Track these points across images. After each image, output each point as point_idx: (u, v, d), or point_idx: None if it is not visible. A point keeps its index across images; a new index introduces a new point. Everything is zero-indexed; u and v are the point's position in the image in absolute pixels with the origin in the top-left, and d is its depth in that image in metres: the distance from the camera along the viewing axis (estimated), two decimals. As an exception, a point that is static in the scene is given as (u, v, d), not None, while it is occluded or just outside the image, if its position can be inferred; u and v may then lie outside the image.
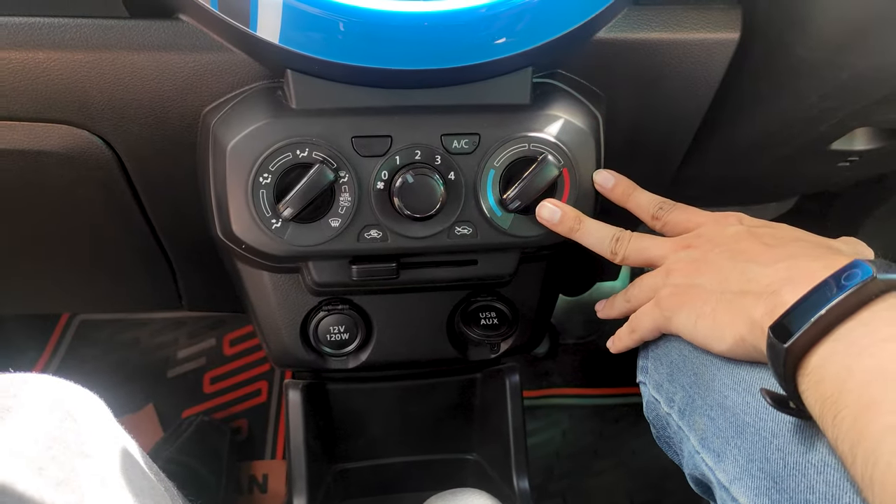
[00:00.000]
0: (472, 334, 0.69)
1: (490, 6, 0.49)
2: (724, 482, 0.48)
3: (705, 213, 0.55)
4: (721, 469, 0.49)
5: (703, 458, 0.51)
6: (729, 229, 0.52)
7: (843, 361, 0.38)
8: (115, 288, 0.90)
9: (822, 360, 0.39)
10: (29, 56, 0.52)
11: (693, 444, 0.52)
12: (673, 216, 0.56)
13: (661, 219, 0.56)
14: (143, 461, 0.52)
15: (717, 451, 0.50)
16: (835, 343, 0.39)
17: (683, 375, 0.54)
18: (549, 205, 0.57)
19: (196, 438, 1.11)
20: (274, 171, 0.53)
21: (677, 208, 0.56)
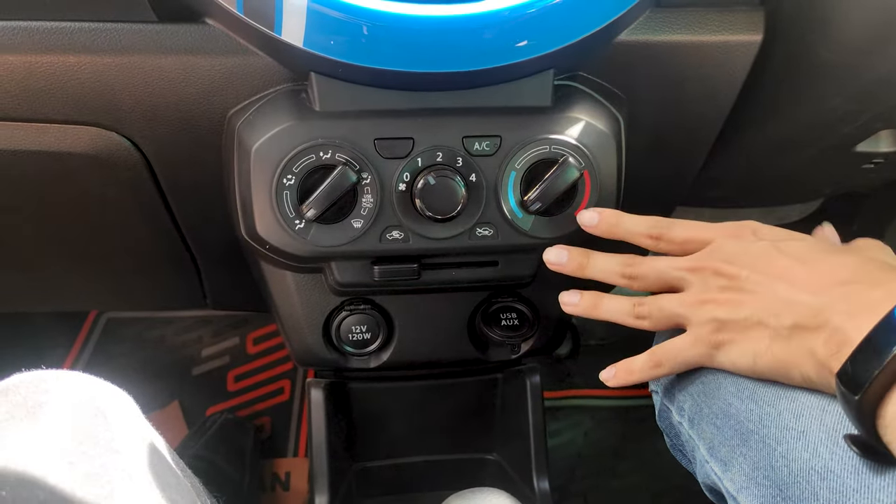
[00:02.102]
0: (493, 335, 0.69)
1: (512, 9, 0.49)
2: (733, 491, 0.48)
3: (712, 226, 0.52)
4: (728, 478, 0.49)
5: (712, 466, 0.51)
6: (752, 247, 0.49)
7: None
8: (141, 287, 0.91)
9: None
10: (60, 60, 0.53)
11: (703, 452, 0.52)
12: (674, 233, 0.52)
13: (662, 237, 0.52)
14: (170, 457, 0.52)
15: (725, 459, 0.50)
16: None
17: (691, 384, 0.53)
18: (554, 248, 0.56)
19: (220, 436, 1.13)
20: (298, 172, 0.54)
21: (676, 224, 0.52)
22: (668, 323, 0.52)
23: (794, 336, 0.44)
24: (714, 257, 0.49)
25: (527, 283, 0.65)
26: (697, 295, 0.49)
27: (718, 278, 0.48)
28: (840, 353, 0.41)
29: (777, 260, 0.47)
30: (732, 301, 0.47)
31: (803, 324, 0.44)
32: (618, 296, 0.54)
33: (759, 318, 0.46)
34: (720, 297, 0.48)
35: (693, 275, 0.49)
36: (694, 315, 0.49)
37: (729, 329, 0.48)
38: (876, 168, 0.72)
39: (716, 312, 0.48)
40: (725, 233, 0.50)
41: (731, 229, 0.50)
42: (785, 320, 0.45)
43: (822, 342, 0.43)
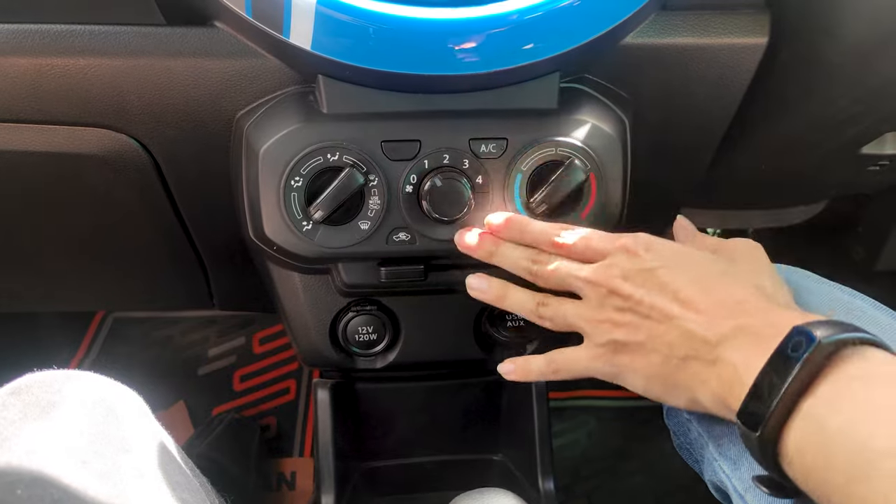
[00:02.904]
0: (499, 336, 0.69)
1: (519, 12, 0.49)
2: (741, 490, 0.49)
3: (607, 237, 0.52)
4: (737, 477, 0.49)
5: (721, 464, 0.51)
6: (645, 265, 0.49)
7: (817, 454, 0.38)
8: (148, 287, 0.92)
9: (798, 446, 0.39)
10: (70, 62, 0.54)
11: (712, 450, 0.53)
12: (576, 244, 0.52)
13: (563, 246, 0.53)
14: (180, 456, 0.53)
15: (734, 458, 0.50)
16: (802, 424, 0.39)
17: None
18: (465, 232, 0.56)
19: (226, 436, 1.13)
20: (305, 174, 0.54)
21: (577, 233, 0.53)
22: (569, 329, 0.53)
23: (687, 366, 0.47)
24: (610, 273, 0.50)
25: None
26: (595, 312, 0.50)
27: (614, 297, 0.49)
28: (733, 390, 0.43)
29: (671, 283, 0.48)
30: (629, 325, 0.49)
31: (697, 356, 0.46)
32: (524, 290, 0.55)
33: (654, 345, 0.48)
34: (617, 317, 0.49)
35: (590, 288, 0.51)
36: (593, 332, 0.51)
37: (625, 351, 0.50)
38: (881, 170, 0.72)
39: (613, 334, 0.50)
40: (620, 247, 0.51)
41: (625, 242, 0.51)
42: (678, 351, 0.47)
43: (715, 377, 0.45)
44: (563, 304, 0.53)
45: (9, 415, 0.46)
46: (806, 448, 0.39)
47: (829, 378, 0.39)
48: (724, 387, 0.44)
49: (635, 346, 0.49)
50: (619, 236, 0.52)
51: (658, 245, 0.51)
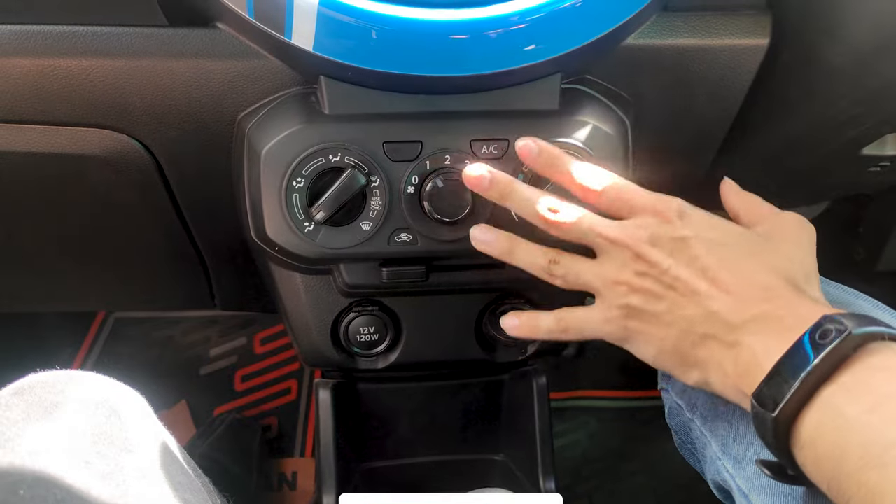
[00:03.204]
0: (500, 336, 0.69)
1: (520, 13, 0.49)
2: (744, 489, 0.49)
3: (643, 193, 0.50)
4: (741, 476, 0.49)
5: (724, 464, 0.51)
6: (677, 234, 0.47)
7: (833, 437, 0.38)
8: (149, 287, 0.92)
9: (812, 433, 0.39)
10: (73, 63, 0.54)
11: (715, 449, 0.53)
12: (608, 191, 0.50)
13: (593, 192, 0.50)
14: (182, 457, 0.53)
15: (738, 457, 0.50)
16: (820, 411, 0.39)
17: None
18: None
19: (228, 436, 1.13)
20: (307, 175, 0.54)
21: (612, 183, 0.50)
22: (581, 288, 0.51)
23: (704, 344, 0.45)
24: (638, 235, 0.47)
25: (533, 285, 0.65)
26: (614, 273, 0.48)
27: (638, 262, 0.47)
28: (749, 374, 0.42)
29: (701, 257, 0.46)
30: (649, 291, 0.47)
31: (717, 337, 0.45)
32: (534, 245, 0.52)
33: (673, 318, 0.46)
34: (636, 282, 0.47)
35: (613, 247, 0.48)
36: (608, 293, 0.49)
37: (640, 318, 0.48)
38: (882, 171, 0.72)
39: (630, 298, 0.48)
40: (653, 207, 0.49)
41: (659, 204, 0.49)
42: (697, 327, 0.46)
43: (732, 360, 0.44)
44: (577, 261, 0.50)
45: (12, 415, 0.46)
46: (821, 434, 0.38)
47: (853, 368, 0.38)
48: (739, 370, 0.43)
49: (652, 316, 0.47)
50: (653, 196, 0.50)
51: (692, 213, 0.49)
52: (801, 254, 0.48)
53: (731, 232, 0.49)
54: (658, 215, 0.48)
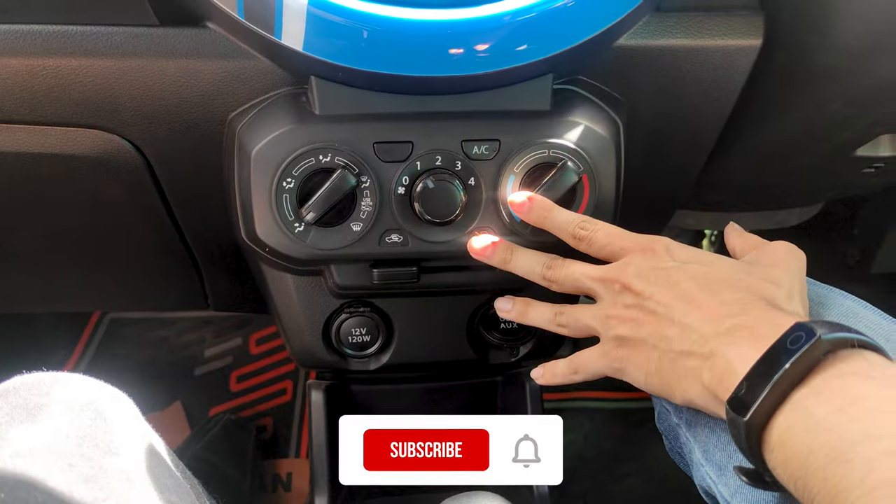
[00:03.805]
0: (492, 338, 0.69)
1: (512, 13, 0.49)
2: (727, 496, 0.49)
3: (630, 237, 0.53)
4: (723, 483, 0.49)
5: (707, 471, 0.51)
6: (661, 265, 0.50)
7: (801, 437, 0.38)
8: (143, 288, 0.92)
9: (782, 434, 0.39)
10: (62, 63, 0.54)
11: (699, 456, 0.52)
12: (597, 238, 0.53)
13: (584, 240, 0.54)
14: (170, 459, 0.53)
15: (720, 464, 0.50)
16: (791, 413, 0.39)
17: None
18: (482, 237, 0.57)
19: (222, 437, 1.13)
20: (297, 175, 0.54)
21: (600, 230, 0.54)
22: (584, 332, 0.54)
23: (683, 361, 0.47)
24: (625, 272, 0.50)
25: (525, 287, 0.65)
26: (606, 310, 0.52)
27: (625, 294, 0.50)
28: (724, 381, 0.43)
29: (681, 282, 0.48)
30: (634, 320, 0.50)
31: (691, 350, 0.46)
32: (542, 304, 0.57)
33: (653, 341, 0.49)
34: (624, 314, 0.50)
35: (603, 287, 0.52)
36: (603, 329, 0.52)
37: (628, 346, 0.50)
38: (876, 172, 0.72)
39: (619, 329, 0.51)
40: (639, 246, 0.52)
41: (646, 243, 0.52)
42: (675, 345, 0.47)
43: (707, 369, 0.45)
44: (578, 308, 0.54)
45: None
46: (791, 436, 0.39)
47: (824, 373, 0.39)
48: (715, 378, 0.44)
49: (637, 342, 0.50)
50: (641, 236, 0.53)
51: (677, 248, 0.52)
52: (788, 278, 0.50)
53: (713, 260, 0.51)
54: (646, 252, 0.51)
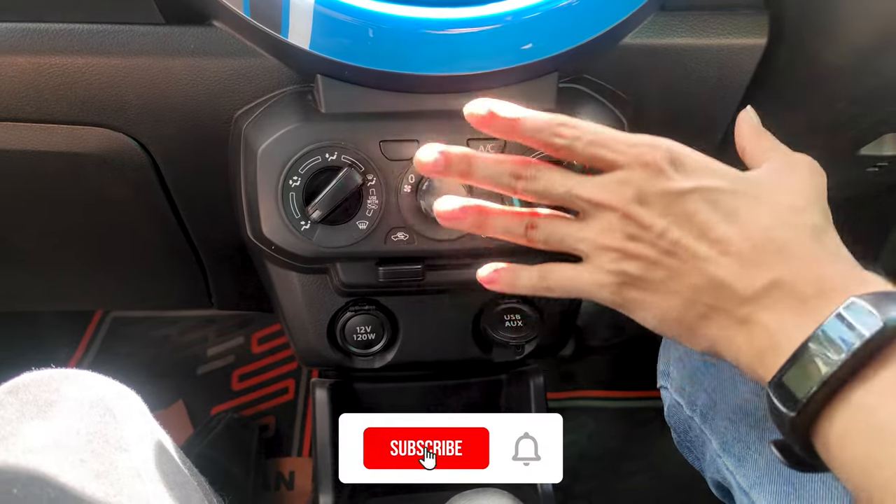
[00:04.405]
0: (497, 336, 0.69)
1: (517, 12, 0.49)
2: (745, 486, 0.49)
3: (623, 142, 0.42)
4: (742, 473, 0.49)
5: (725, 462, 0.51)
6: (670, 187, 0.41)
7: (864, 444, 0.34)
8: (147, 286, 0.92)
9: (840, 434, 0.35)
10: (68, 61, 0.54)
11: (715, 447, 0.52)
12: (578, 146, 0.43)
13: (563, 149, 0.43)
14: (177, 456, 0.53)
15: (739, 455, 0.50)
16: (848, 414, 0.35)
17: (706, 378, 0.54)
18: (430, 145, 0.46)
19: (226, 435, 1.13)
20: (303, 174, 0.54)
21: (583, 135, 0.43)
22: (566, 251, 0.45)
23: (712, 317, 0.40)
24: (623, 194, 0.41)
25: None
26: (602, 237, 0.42)
27: (627, 223, 0.41)
28: (765, 359, 0.38)
29: (699, 213, 0.40)
30: (644, 257, 0.41)
31: (726, 309, 0.40)
32: (508, 211, 0.47)
33: (675, 286, 0.41)
34: (630, 247, 0.41)
35: (596, 209, 0.42)
36: (598, 257, 0.43)
37: (637, 286, 0.42)
38: (880, 171, 0.72)
39: (623, 265, 0.42)
40: (639, 158, 0.42)
41: (646, 153, 0.42)
42: (705, 298, 0.40)
43: (744, 338, 0.39)
44: (558, 224, 0.45)
45: (6, 414, 0.46)
46: (850, 439, 0.34)
47: (885, 364, 0.34)
48: (753, 351, 0.39)
49: (650, 284, 0.42)
50: (638, 141, 0.43)
51: (686, 159, 0.42)
52: (815, 197, 0.43)
53: (734, 178, 0.42)
54: (646, 167, 0.41)
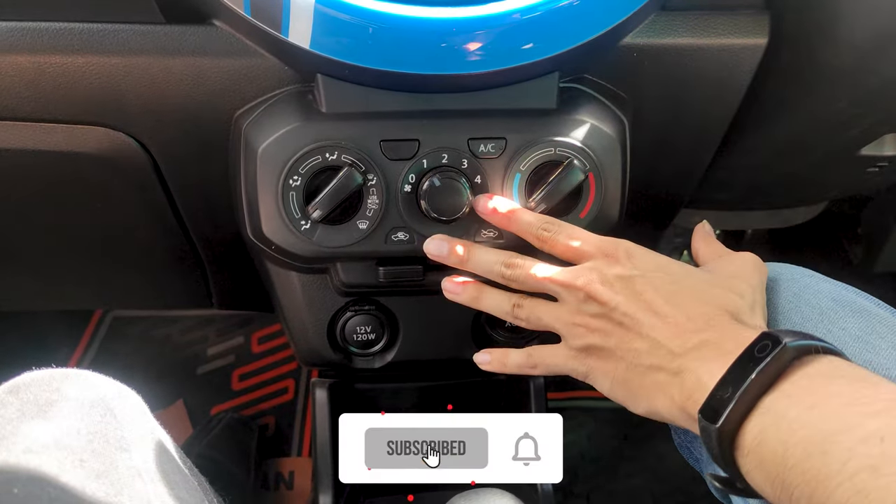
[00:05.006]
0: (498, 336, 0.69)
1: (518, 12, 0.49)
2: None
3: (592, 240, 0.53)
4: None
5: None
6: (625, 274, 0.50)
7: (776, 437, 0.39)
8: (147, 285, 0.92)
9: (756, 438, 0.40)
10: (68, 60, 0.54)
11: None
12: (559, 240, 0.53)
13: (547, 241, 0.54)
14: (178, 455, 0.53)
15: None
16: (763, 417, 0.40)
17: None
18: (435, 239, 0.56)
19: (225, 435, 1.13)
20: (304, 173, 0.54)
21: (562, 231, 0.54)
22: (543, 328, 0.55)
23: (651, 374, 0.48)
24: (589, 278, 0.51)
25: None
26: (571, 316, 0.52)
27: (590, 302, 0.50)
28: (693, 396, 0.44)
29: (645, 293, 0.49)
30: (602, 330, 0.50)
31: (662, 366, 0.47)
32: (499, 291, 0.56)
33: (621, 353, 0.49)
34: (592, 322, 0.51)
35: (567, 292, 0.52)
36: (569, 334, 0.52)
37: (596, 355, 0.51)
38: (880, 171, 0.72)
39: (588, 338, 0.51)
40: (602, 251, 0.52)
41: (608, 248, 0.52)
42: (643, 359, 0.48)
43: (678, 386, 0.46)
44: (538, 305, 0.54)
45: (6, 413, 0.46)
46: (765, 438, 0.40)
47: (792, 377, 0.41)
48: (685, 395, 0.45)
49: (604, 351, 0.51)
50: (603, 240, 0.53)
51: (639, 253, 0.52)
52: (751, 290, 0.51)
53: (675, 270, 0.51)
54: (607, 257, 0.51)
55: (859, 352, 0.48)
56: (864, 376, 0.40)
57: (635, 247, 0.53)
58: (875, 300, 0.54)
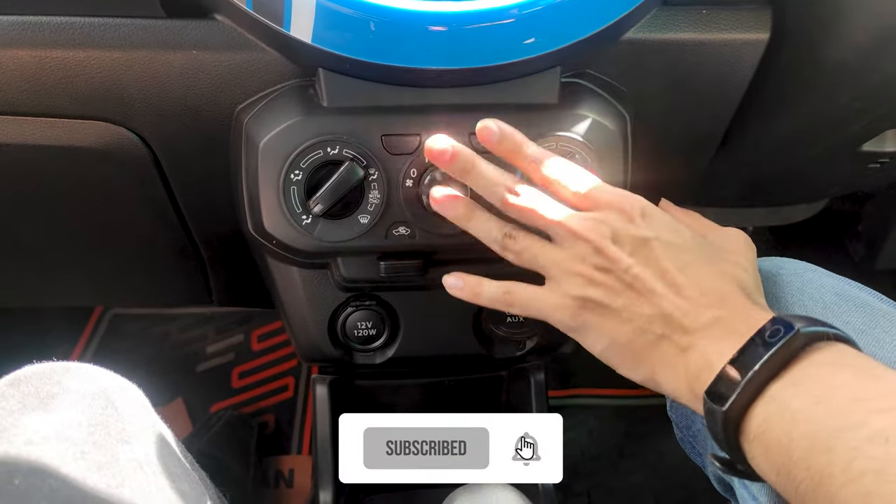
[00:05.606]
0: (499, 331, 0.69)
1: (519, 6, 0.49)
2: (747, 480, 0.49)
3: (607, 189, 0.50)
4: None
5: None
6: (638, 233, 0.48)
7: (780, 427, 0.39)
8: (147, 282, 0.92)
9: (761, 425, 0.40)
10: (69, 55, 0.54)
11: None
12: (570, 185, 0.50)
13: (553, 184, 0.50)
14: (178, 449, 0.53)
15: None
16: (768, 405, 0.40)
17: None
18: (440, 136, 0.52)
19: (225, 432, 1.13)
20: (305, 168, 0.54)
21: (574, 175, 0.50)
22: (534, 268, 0.51)
23: (658, 344, 0.47)
24: (600, 230, 0.48)
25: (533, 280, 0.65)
26: (573, 263, 0.48)
27: (598, 256, 0.47)
28: (701, 376, 0.44)
29: (660, 260, 0.47)
30: (609, 287, 0.47)
31: (671, 339, 0.46)
32: (492, 217, 0.52)
33: (630, 315, 0.47)
34: (597, 276, 0.48)
35: (573, 239, 0.48)
36: (564, 281, 0.49)
37: (596, 311, 0.48)
38: (881, 168, 0.72)
39: (588, 291, 0.48)
40: (616, 204, 0.49)
41: (622, 202, 0.49)
42: (655, 328, 0.46)
43: (684, 362, 0.45)
44: (535, 242, 0.50)
45: (7, 405, 0.46)
46: (770, 427, 0.40)
47: (800, 364, 0.40)
48: (691, 373, 0.45)
49: (609, 310, 0.48)
50: (617, 192, 0.50)
51: (654, 215, 0.50)
52: (750, 265, 0.51)
53: (689, 238, 0.50)
54: (622, 213, 0.48)
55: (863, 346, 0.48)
56: (872, 367, 0.40)
57: (650, 205, 0.50)
58: (878, 295, 0.54)
